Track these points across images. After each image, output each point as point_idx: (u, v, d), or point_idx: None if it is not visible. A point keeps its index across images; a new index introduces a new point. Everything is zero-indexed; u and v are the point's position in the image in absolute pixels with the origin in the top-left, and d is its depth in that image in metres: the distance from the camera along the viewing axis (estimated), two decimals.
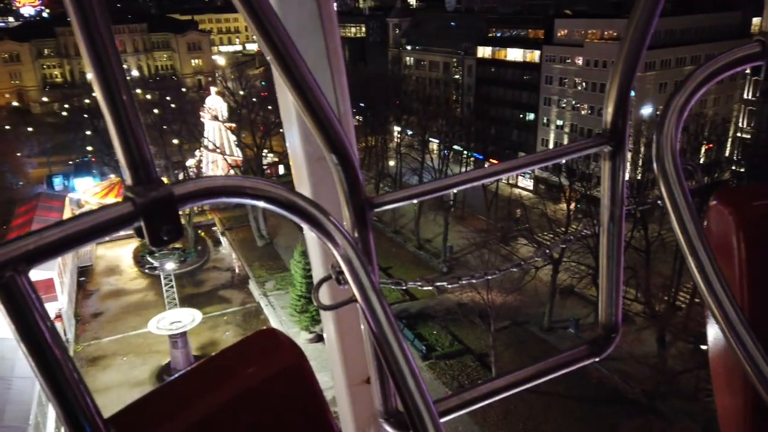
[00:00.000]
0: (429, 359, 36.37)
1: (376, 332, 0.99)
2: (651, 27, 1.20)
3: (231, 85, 73.82)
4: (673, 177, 1.11)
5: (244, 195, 0.94)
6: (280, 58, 0.98)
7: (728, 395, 1.37)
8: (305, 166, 2.04)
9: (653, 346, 33.21)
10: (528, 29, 68.93)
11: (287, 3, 1.81)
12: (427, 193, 1.25)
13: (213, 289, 47.32)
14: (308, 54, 1.82)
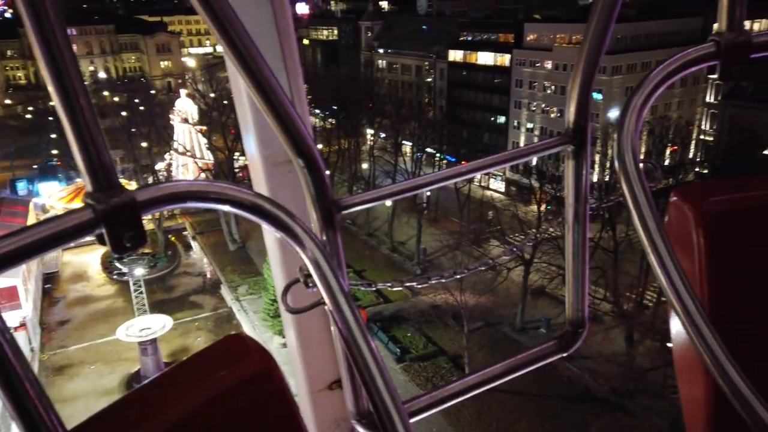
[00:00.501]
0: (403, 362, 36.45)
1: (345, 334, 0.99)
2: (609, 31, 1.23)
3: (201, 87, 72.87)
4: (634, 175, 1.13)
5: (209, 199, 0.93)
6: (243, 62, 0.96)
7: (691, 387, 1.39)
8: (263, 171, 2.03)
9: (622, 344, 33.90)
10: (498, 33, 69.82)
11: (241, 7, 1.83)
12: (394, 194, 1.25)
13: (184, 295, 46.57)
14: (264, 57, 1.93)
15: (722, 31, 1.18)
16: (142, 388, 0.96)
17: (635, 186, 1.12)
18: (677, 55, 1.20)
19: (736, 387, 0.93)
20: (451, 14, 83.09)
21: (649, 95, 1.19)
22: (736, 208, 1.30)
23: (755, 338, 1.27)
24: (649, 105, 1.19)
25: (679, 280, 1.02)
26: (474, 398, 13.94)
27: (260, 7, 1.84)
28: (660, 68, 1.19)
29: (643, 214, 1.08)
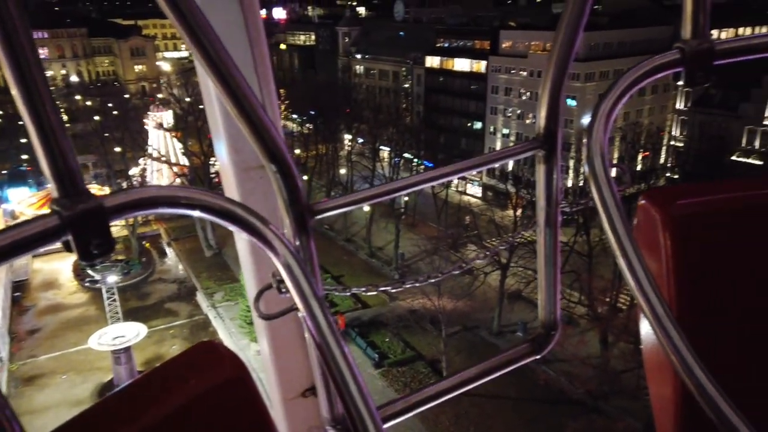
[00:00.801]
0: (381, 367, 36.39)
1: (318, 340, 0.98)
2: (577, 38, 1.24)
3: (177, 91, 72.03)
4: (603, 178, 1.13)
5: (179, 205, 0.91)
6: (213, 67, 0.96)
7: (660, 388, 1.41)
8: (234, 176, 2.02)
9: (596, 347, 34.36)
10: (474, 40, 70.53)
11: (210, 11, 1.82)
12: (368, 199, 1.25)
13: (159, 302, 45.83)
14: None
15: (686, 38, 1.20)
16: (112, 396, 0.94)
17: (604, 190, 1.13)
18: (643, 62, 1.22)
19: (703, 388, 0.94)
20: (428, 21, 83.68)
21: (617, 100, 1.21)
22: (702, 212, 1.32)
23: (722, 339, 1.29)
24: (617, 110, 1.21)
25: (647, 282, 1.02)
26: (452, 402, 14.12)
27: (230, 12, 1.83)
28: (627, 74, 1.21)
29: (612, 217, 1.09)
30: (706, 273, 1.29)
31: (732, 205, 1.33)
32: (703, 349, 0.97)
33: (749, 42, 1.24)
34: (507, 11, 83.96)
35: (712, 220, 1.32)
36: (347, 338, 38.99)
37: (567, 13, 1.23)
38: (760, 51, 1.24)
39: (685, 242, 1.28)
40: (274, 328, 2.19)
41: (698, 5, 1.17)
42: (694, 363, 0.95)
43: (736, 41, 1.23)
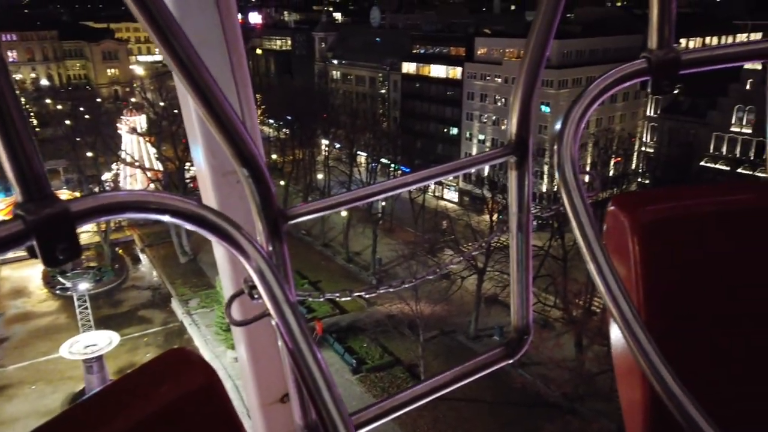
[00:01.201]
0: (359, 372, 36.30)
1: (291, 346, 0.97)
2: (548, 46, 1.27)
3: (151, 95, 71.06)
4: (573, 185, 1.15)
5: (149, 210, 0.89)
6: (185, 70, 0.95)
7: (630, 392, 1.43)
8: (211, 181, 2.00)
9: (572, 350, 34.82)
10: (450, 47, 71.20)
11: (187, 16, 1.80)
12: (341, 205, 1.24)
13: (132, 309, 45.02)
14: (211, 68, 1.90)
15: (653, 48, 1.22)
16: (80, 405, 0.91)
17: (574, 196, 1.14)
18: (612, 71, 1.24)
19: (671, 392, 0.95)
20: (404, 27, 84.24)
21: (587, 108, 1.23)
22: (670, 217, 1.34)
23: (689, 344, 1.32)
24: (586, 118, 1.23)
25: (616, 287, 1.04)
26: (429, 407, 14.23)
27: (208, 16, 1.83)
28: (596, 83, 1.24)
29: (582, 223, 1.11)
30: (674, 278, 1.32)
31: (699, 211, 1.36)
32: (671, 354, 0.98)
33: (713, 53, 1.27)
34: (481, 18, 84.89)
35: (679, 225, 1.34)
36: (325, 344, 38.84)
37: (537, 23, 1.25)
38: (723, 62, 1.28)
39: (653, 247, 1.30)
40: (251, 334, 2.18)
41: (664, 16, 1.20)
42: (662, 367, 0.96)
43: (701, 51, 1.27)
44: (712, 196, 1.42)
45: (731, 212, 1.36)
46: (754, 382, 1.35)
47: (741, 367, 1.35)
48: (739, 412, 1.33)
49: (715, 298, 1.34)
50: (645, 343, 0.98)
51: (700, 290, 1.33)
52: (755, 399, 1.35)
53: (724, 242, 1.34)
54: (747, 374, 1.35)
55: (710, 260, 1.34)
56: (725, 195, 1.43)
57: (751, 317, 1.34)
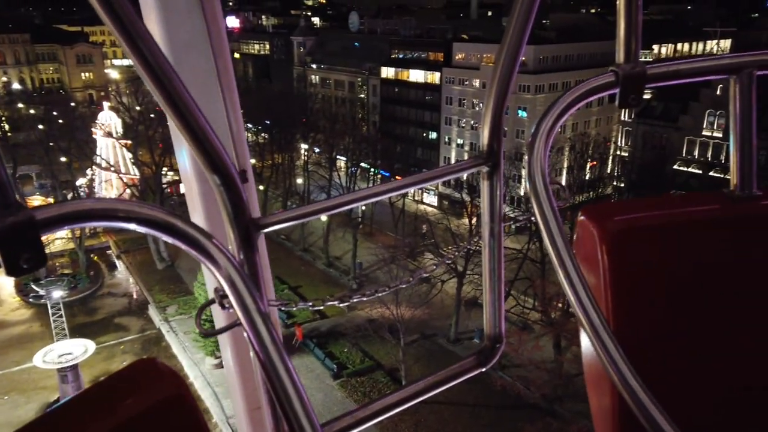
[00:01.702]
0: (340, 378, 36.19)
1: (262, 356, 0.97)
2: (519, 56, 1.30)
3: (126, 100, 70.12)
4: (543, 195, 1.17)
5: (115, 218, 0.88)
6: (154, 76, 0.94)
7: (599, 399, 1.45)
8: (197, 187, 1.98)
9: (551, 351, 35.20)
10: (428, 52, 71.68)
11: (173, 21, 1.80)
12: (316, 213, 1.24)
13: (108, 317, 44.25)
14: (197, 72, 1.86)
15: (620, 62, 1.26)
16: (46, 416, 0.89)
17: (545, 205, 1.16)
18: (581, 84, 1.29)
19: (639, 399, 0.97)
20: (383, 32, 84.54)
21: (557, 120, 1.26)
22: (638, 227, 1.37)
23: (657, 351, 1.35)
24: (556, 129, 1.26)
25: (585, 296, 1.05)
26: (411, 411, 14.29)
27: (193, 21, 1.83)
28: (565, 96, 1.27)
29: (551, 232, 1.13)
30: (642, 286, 1.35)
31: (666, 221, 1.39)
32: (639, 361, 1.00)
33: (678, 67, 1.33)
34: (459, 24, 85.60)
35: (647, 235, 1.37)
36: (305, 349, 38.66)
37: (509, 33, 1.28)
38: (687, 76, 1.35)
39: (621, 256, 1.32)
40: (235, 340, 2.18)
41: (630, 32, 1.24)
42: (629, 375, 0.98)
43: (666, 66, 1.32)
44: (679, 207, 1.46)
45: (696, 222, 1.39)
46: (721, 388, 1.38)
47: (708, 374, 1.38)
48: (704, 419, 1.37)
49: (682, 305, 1.37)
50: (613, 350, 1.00)
51: (667, 298, 1.36)
52: (721, 405, 1.39)
53: (690, 251, 1.37)
54: (714, 381, 1.38)
55: (677, 269, 1.37)
56: (691, 205, 1.47)
57: (717, 324, 1.37)
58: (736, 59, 1.35)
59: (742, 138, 1.36)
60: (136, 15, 0.91)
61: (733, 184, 1.39)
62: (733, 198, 1.38)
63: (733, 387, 1.39)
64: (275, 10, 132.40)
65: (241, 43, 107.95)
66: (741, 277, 1.38)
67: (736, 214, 1.39)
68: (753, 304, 1.37)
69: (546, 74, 59.21)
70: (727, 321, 1.37)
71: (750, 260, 1.38)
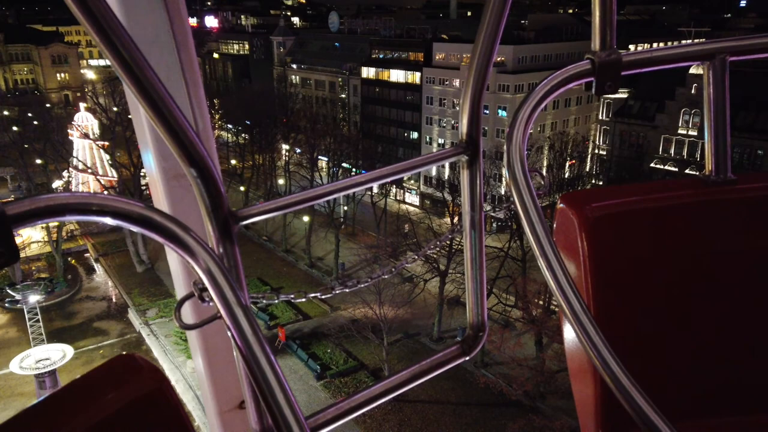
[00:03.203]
0: (324, 378, 36.10)
1: (243, 349, 0.95)
2: (495, 47, 1.31)
3: (103, 100, 69.06)
4: (522, 182, 1.17)
5: (91, 212, 0.86)
6: (129, 71, 0.93)
7: (582, 385, 1.45)
8: (162, 185, 1.95)
9: (532, 348, 35.54)
10: (409, 52, 71.83)
11: (134, 16, 1.77)
12: (294, 205, 1.24)
13: (87, 321, 43.56)
14: (161, 68, 1.82)
15: (596, 49, 1.28)
16: (25, 412, 0.88)
17: (524, 193, 1.15)
18: (558, 72, 1.30)
19: (621, 384, 0.97)
20: (363, 32, 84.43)
21: (535, 108, 1.26)
22: (615, 213, 1.38)
23: (637, 335, 1.36)
24: (534, 117, 1.26)
25: (566, 282, 1.05)
26: (395, 409, 14.35)
27: (155, 17, 1.80)
28: (543, 83, 1.28)
29: (531, 219, 1.13)
30: (621, 271, 1.36)
31: (644, 207, 1.40)
32: (620, 346, 1.01)
33: (652, 54, 1.34)
34: (439, 24, 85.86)
35: (625, 221, 1.38)
36: (288, 351, 38.49)
37: (484, 27, 1.28)
38: (661, 63, 1.35)
39: (600, 242, 1.33)
40: (207, 339, 2.14)
41: (605, 20, 1.25)
42: (611, 360, 0.98)
43: (641, 54, 1.33)
44: (656, 192, 1.46)
45: (673, 207, 1.41)
46: (701, 372, 1.40)
47: (688, 358, 1.40)
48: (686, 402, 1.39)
49: (660, 289, 1.38)
50: (594, 336, 1.00)
51: (646, 283, 1.37)
52: (701, 388, 1.41)
53: (667, 235, 1.39)
54: (694, 364, 1.40)
55: (654, 253, 1.38)
56: (667, 191, 1.48)
57: (695, 308, 1.40)
58: (710, 45, 1.37)
59: (716, 123, 1.37)
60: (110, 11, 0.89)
61: (708, 169, 1.40)
62: (708, 183, 1.40)
63: (713, 369, 1.40)
64: (254, 10, 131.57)
65: (220, 42, 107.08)
66: (717, 259, 1.39)
67: (711, 199, 1.40)
68: (729, 286, 1.39)
69: (525, 74, 59.74)
70: (705, 303, 1.39)
71: (726, 243, 1.40)
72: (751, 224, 1.41)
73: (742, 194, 1.41)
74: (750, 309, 1.40)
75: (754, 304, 1.40)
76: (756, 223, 1.41)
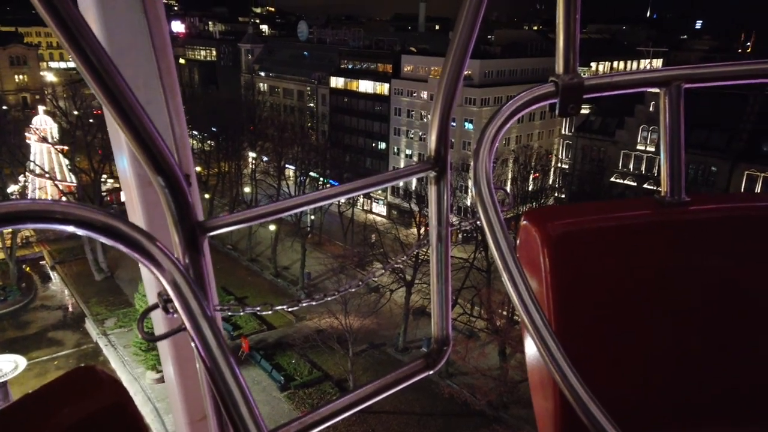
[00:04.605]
0: (287, 389, 35.68)
1: (207, 361, 0.94)
2: (463, 66, 1.34)
3: (63, 103, 67.16)
4: (488, 200, 1.19)
5: (53, 220, 0.83)
6: (97, 77, 0.91)
7: (542, 398, 1.46)
8: (136, 191, 1.93)
9: (496, 358, 35.90)
10: (377, 63, 72.34)
11: (113, 20, 1.75)
12: (263, 216, 1.23)
13: (41, 331, 42.02)
14: (139, 75, 1.83)
15: (560, 73, 1.31)
16: None
17: (490, 210, 1.17)
18: (523, 93, 1.33)
19: (580, 398, 0.98)
20: (332, 42, 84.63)
21: (501, 127, 1.29)
22: (577, 231, 1.41)
23: (596, 350, 1.39)
24: (500, 136, 1.30)
25: (528, 297, 1.06)
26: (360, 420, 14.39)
27: (134, 23, 1.79)
28: (508, 104, 1.31)
29: (496, 236, 1.14)
30: (581, 287, 1.39)
31: (603, 225, 1.43)
32: (579, 360, 1.02)
33: (612, 79, 1.40)
34: (407, 36, 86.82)
35: (586, 238, 1.41)
36: (252, 361, 37.91)
37: (454, 46, 1.31)
38: (621, 87, 1.41)
39: (562, 259, 1.35)
40: (177, 350, 2.12)
41: (569, 45, 1.29)
42: (571, 374, 1.00)
43: (602, 78, 1.38)
44: (615, 212, 1.49)
45: (630, 226, 1.45)
46: (659, 386, 1.44)
47: (645, 373, 1.44)
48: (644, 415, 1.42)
49: (618, 305, 1.41)
50: (555, 351, 1.01)
51: (605, 298, 1.41)
52: (660, 403, 1.44)
53: (624, 254, 1.42)
54: (651, 379, 1.44)
55: (612, 270, 1.42)
56: (625, 210, 1.51)
57: (653, 322, 1.44)
58: (666, 73, 1.41)
59: (672, 147, 1.42)
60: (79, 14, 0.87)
61: (663, 191, 1.45)
62: (663, 203, 1.44)
63: (670, 384, 1.44)
64: (222, 17, 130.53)
65: (187, 48, 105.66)
66: (671, 277, 1.44)
67: (666, 219, 1.44)
68: (683, 302, 1.44)
69: (491, 88, 60.91)
70: (661, 319, 1.43)
71: (679, 261, 1.44)
72: (702, 244, 1.46)
73: (695, 215, 1.45)
74: (702, 324, 1.44)
75: (706, 319, 1.44)
76: (707, 242, 1.46)
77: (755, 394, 1.48)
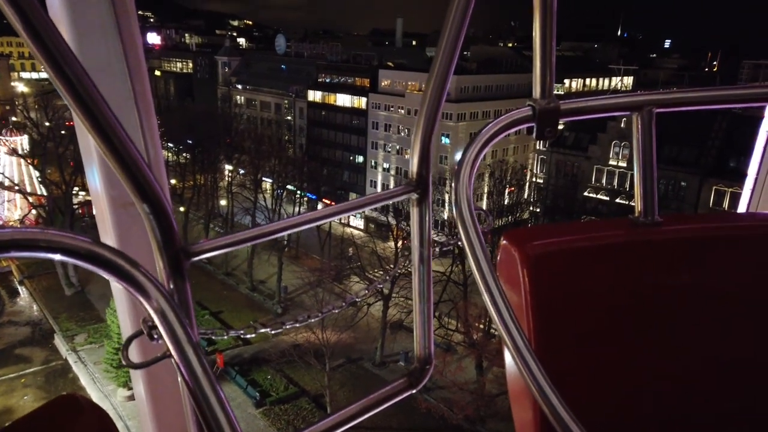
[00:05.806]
0: (263, 406, 35.14)
1: (193, 388, 0.93)
2: (446, 86, 1.36)
3: (34, 115, 65.87)
4: (469, 220, 1.23)
5: (38, 248, 0.82)
6: (79, 100, 0.90)
7: (521, 413, 1.48)
8: (110, 213, 1.89)
9: (473, 372, 35.95)
10: (355, 77, 72.77)
11: (87, 41, 1.72)
12: (247, 241, 1.23)
13: (8, 347, 40.73)
14: (113, 96, 1.79)
15: (537, 97, 1.35)
16: None
17: (470, 230, 1.21)
18: (502, 117, 1.38)
19: (558, 414, 1.00)
20: (310, 56, 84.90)
21: (480, 151, 1.33)
22: (555, 250, 1.45)
23: (575, 367, 1.41)
24: (480, 158, 1.34)
25: (508, 316, 1.10)
26: None
27: (109, 43, 1.76)
28: (488, 127, 1.36)
29: (477, 255, 1.18)
30: (559, 306, 1.42)
31: (579, 245, 1.47)
32: (558, 376, 1.05)
33: (587, 104, 1.45)
34: (384, 51, 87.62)
35: (564, 258, 1.45)
36: (226, 377, 37.29)
37: (435, 68, 1.33)
38: (596, 112, 1.47)
39: (541, 278, 1.38)
40: (151, 373, 2.10)
41: (546, 70, 1.32)
42: (549, 390, 1.02)
43: (578, 102, 1.44)
44: (591, 232, 1.53)
45: (605, 246, 1.49)
46: (636, 402, 1.47)
47: (622, 389, 1.47)
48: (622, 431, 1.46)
49: (595, 323, 1.45)
50: (534, 368, 1.04)
51: (583, 316, 1.44)
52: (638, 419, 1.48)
53: (600, 273, 1.46)
54: (628, 395, 1.48)
55: (589, 289, 1.45)
56: (601, 231, 1.55)
57: (631, 339, 1.48)
58: (638, 98, 1.46)
59: (644, 169, 1.46)
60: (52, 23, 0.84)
61: (637, 212, 1.49)
62: (637, 224, 1.48)
63: (646, 400, 1.48)
64: (199, 29, 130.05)
65: (163, 60, 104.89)
66: (646, 295, 1.49)
67: (640, 239, 1.48)
68: (658, 320, 1.48)
69: (467, 103, 61.72)
70: (637, 336, 1.47)
71: (653, 280, 1.48)
72: (674, 263, 1.50)
73: (667, 235, 1.50)
74: (676, 341, 1.48)
75: (679, 337, 1.48)
76: (679, 261, 1.51)
77: (732, 412, 1.52)
